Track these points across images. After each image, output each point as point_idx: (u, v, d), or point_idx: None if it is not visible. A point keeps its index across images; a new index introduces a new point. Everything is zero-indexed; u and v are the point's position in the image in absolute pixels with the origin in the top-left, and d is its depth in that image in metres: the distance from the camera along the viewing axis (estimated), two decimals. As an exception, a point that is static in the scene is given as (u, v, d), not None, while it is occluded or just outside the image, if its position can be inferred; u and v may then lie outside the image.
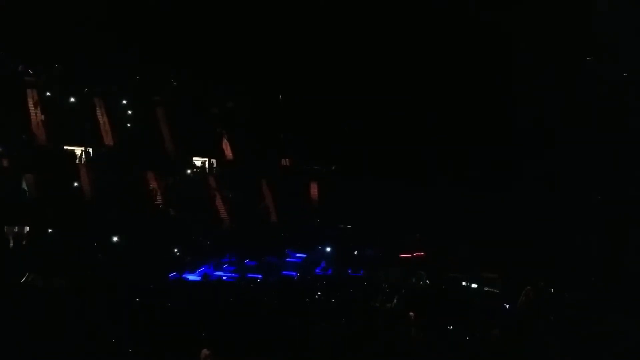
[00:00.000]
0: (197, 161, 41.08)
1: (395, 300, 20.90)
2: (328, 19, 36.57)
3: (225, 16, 36.85)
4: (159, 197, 37.07)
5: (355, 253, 35.69)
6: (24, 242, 31.72)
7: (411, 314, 16.93)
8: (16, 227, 32.85)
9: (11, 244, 31.47)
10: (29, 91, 35.91)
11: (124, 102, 38.96)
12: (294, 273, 31.69)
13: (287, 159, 43.03)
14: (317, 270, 33.20)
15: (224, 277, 30.48)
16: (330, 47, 36.98)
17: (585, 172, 29.75)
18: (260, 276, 30.36)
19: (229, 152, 41.77)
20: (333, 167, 42.46)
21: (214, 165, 41.41)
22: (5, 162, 33.54)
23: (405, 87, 36.08)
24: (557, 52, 30.80)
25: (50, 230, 32.20)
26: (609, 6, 27.03)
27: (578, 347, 12.68)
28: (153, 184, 37.19)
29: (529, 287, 18.21)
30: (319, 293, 23.26)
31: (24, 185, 33.81)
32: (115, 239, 31.92)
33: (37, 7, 33.90)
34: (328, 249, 35.80)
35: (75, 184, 34.83)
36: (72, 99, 37.12)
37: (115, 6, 35.07)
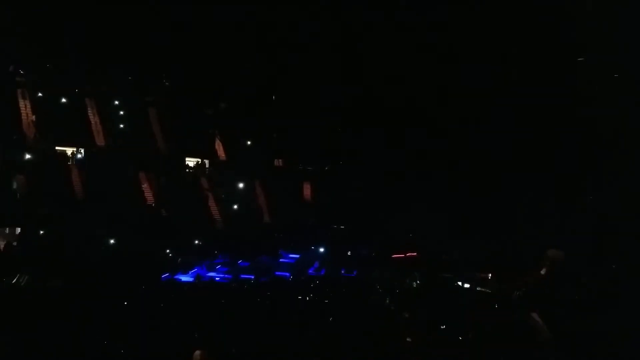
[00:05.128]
0: (190, 161, 40.96)
1: (388, 301, 20.86)
2: (324, 17, 36.53)
3: (217, 16, 36.73)
4: (151, 198, 36.92)
5: (349, 253, 35.66)
6: (15, 243, 31.53)
7: (405, 314, 16.89)
8: (7, 228, 32.68)
9: (2, 245, 31.27)
10: (19, 91, 35.71)
11: (116, 102, 38.80)
12: (287, 274, 31.63)
13: (280, 159, 42.97)
14: (310, 271, 33.16)
15: (216, 278, 30.41)
16: (325, 46, 36.94)
17: (579, 171, 29.82)
18: (253, 277, 30.30)
19: (221, 153, 41.66)
20: (326, 168, 42.42)
21: (207, 166, 41.29)
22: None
23: (400, 85, 36.04)
24: (555, 52, 30.86)
25: (41, 231, 32.02)
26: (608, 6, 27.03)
27: (571, 347, 12.68)
28: (145, 185, 37.03)
29: (523, 289, 18.20)
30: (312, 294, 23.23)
31: (15, 186, 33.60)
32: (107, 239, 31.77)
33: (29, 6, 33.69)
34: (321, 250, 35.77)
35: (66, 185, 34.63)
36: (64, 100, 36.92)
37: (107, 6, 34.88)
